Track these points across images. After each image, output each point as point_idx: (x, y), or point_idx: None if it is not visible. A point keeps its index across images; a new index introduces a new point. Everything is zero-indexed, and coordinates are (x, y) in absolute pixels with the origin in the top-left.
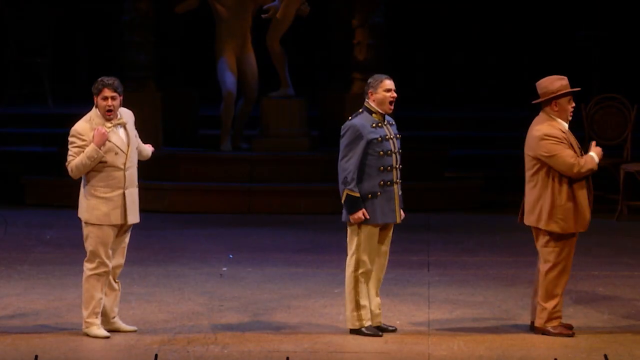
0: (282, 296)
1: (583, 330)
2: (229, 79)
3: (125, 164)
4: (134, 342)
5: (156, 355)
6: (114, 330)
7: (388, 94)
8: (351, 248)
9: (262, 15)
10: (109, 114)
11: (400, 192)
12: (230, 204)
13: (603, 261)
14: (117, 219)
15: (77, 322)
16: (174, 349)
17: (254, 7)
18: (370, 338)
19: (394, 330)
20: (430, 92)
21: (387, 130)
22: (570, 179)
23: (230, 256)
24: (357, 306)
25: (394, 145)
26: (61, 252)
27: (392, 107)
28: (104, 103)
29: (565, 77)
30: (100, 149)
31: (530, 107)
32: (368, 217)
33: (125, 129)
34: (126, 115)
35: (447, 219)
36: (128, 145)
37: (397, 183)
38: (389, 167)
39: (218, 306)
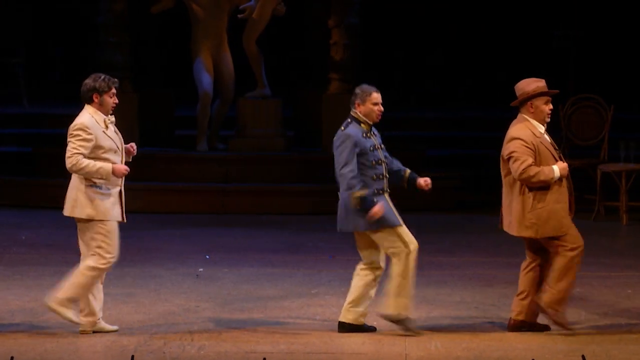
0: (258, 297)
1: (560, 330)
2: (206, 80)
3: (121, 161)
4: (110, 343)
5: (132, 357)
6: (98, 331)
7: (375, 108)
8: (393, 244)
9: (239, 16)
10: (112, 109)
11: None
12: (207, 204)
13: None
14: (117, 216)
15: (53, 323)
16: (151, 349)
17: (230, 7)
18: (348, 339)
19: (374, 330)
20: (408, 91)
21: (374, 140)
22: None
23: (207, 257)
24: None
25: (381, 154)
26: (36, 252)
27: (380, 118)
28: (112, 100)
29: (543, 80)
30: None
31: (507, 107)
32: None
33: (114, 127)
34: None
35: (423, 219)
36: (121, 144)
37: (387, 192)
38: (381, 176)
39: (194, 307)
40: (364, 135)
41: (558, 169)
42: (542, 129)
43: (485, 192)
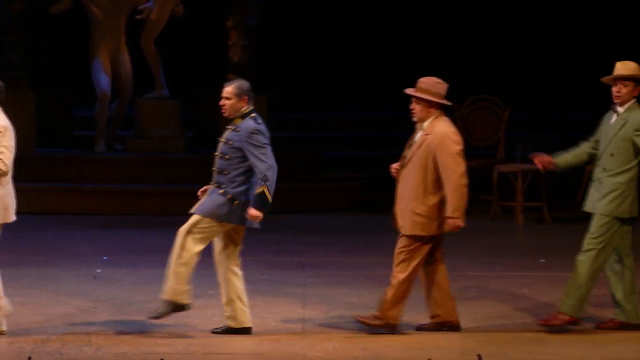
0: (157, 298)
1: (456, 331)
2: (104, 80)
3: None
4: (7, 345)
5: (29, 358)
6: None
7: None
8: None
9: (137, 16)
10: None
11: (217, 193)
12: (106, 205)
13: (476, 261)
14: None
15: None
16: (48, 350)
17: (128, 8)
18: (245, 339)
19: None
20: (311, 92)
21: (226, 134)
22: None
23: (105, 258)
24: None
25: (220, 148)
26: None
27: (224, 112)
28: None
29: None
30: None
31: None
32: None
33: None
34: None
35: (323, 220)
36: None
37: (214, 185)
38: (212, 168)
39: (92, 308)
40: (226, 127)
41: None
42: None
43: (382, 193)
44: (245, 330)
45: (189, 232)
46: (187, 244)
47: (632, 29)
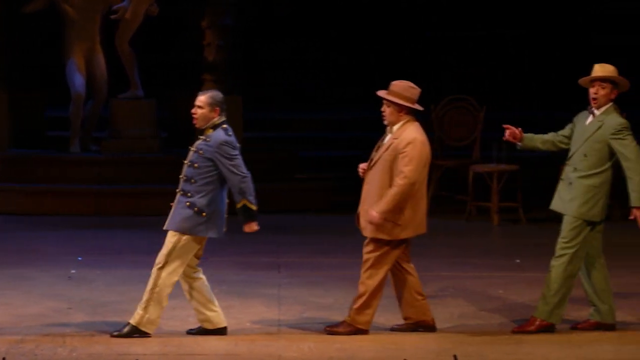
0: (131, 298)
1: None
2: (78, 81)
3: None
4: None
5: (4, 358)
6: None
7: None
8: None
9: (111, 16)
10: None
11: (183, 204)
12: (81, 205)
13: (452, 261)
14: None
15: None
16: (22, 351)
17: (103, 8)
18: (220, 340)
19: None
20: (284, 92)
21: (197, 143)
22: None
23: (80, 258)
24: None
25: (188, 156)
26: None
27: (195, 122)
28: None
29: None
30: None
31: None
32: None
33: None
34: None
35: (298, 220)
36: None
37: (180, 193)
38: (180, 176)
39: (66, 309)
40: (198, 137)
41: None
42: None
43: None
44: (221, 331)
45: (166, 263)
46: (162, 275)
47: (622, 29)
